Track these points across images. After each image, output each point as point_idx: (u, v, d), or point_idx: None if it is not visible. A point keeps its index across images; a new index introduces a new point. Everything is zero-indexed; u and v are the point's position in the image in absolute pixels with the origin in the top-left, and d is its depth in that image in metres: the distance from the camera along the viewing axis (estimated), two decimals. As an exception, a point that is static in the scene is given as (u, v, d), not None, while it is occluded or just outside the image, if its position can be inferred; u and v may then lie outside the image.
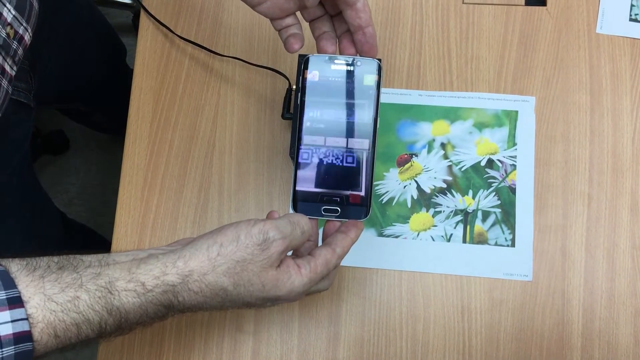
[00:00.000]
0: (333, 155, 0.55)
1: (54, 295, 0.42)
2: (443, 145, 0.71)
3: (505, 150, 0.70)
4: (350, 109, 0.55)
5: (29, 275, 0.42)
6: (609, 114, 0.70)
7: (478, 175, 0.70)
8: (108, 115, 1.19)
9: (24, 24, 0.60)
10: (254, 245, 0.47)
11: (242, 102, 0.73)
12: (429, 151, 0.71)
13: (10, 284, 0.40)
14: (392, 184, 0.70)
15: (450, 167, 0.70)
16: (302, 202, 0.55)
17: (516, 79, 0.72)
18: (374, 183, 0.70)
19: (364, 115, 0.55)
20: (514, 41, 0.73)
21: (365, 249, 0.68)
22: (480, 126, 0.71)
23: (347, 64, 0.55)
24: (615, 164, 0.69)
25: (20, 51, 0.62)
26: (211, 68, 0.74)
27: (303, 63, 0.56)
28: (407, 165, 0.71)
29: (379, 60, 0.56)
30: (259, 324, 0.67)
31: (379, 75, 0.55)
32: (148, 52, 0.75)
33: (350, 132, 0.55)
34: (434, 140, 0.71)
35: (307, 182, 0.55)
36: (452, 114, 0.72)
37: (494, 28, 0.74)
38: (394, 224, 0.69)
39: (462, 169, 0.70)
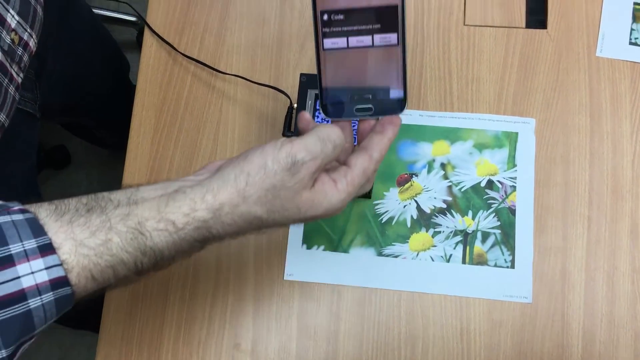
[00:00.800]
0: (360, 47, 0.48)
1: (84, 239, 0.40)
2: (443, 166, 0.71)
3: (505, 171, 0.70)
4: None
5: (57, 220, 0.40)
6: (609, 137, 0.71)
7: (478, 196, 0.70)
8: (110, 130, 1.19)
9: (29, 30, 0.61)
10: (282, 170, 0.44)
11: (244, 120, 0.74)
12: (429, 171, 0.71)
13: (39, 231, 0.39)
14: (392, 204, 0.70)
15: (450, 187, 0.70)
16: (332, 105, 0.50)
17: (516, 101, 0.72)
18: (375, 202, 0.70)
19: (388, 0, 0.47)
20: (515, 63, 0.74)
21: (365, 269, 0.68)
22: (480, 147, 0.71)
23: None
24: (615, 186, 0.69)
25: (25, 57, 0.62)
26: (213, 86, 0.75)
27: None
28: (407, 185, 0.71)
29: None
30: (257, 343, 0.67)
31: None
32: (151, 69, 0.76)
33: (375, 22, 0.48)
34: (434, 160, 0.71)
35: (334, 81, 0.49)
36: (452, 135, 0.72)
37: (494, 50, 0.74)
38: (393, 243, 0.69)
39: (462, 190, 0.70)
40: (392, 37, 0.48)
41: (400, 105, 0.50)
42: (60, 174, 1.49)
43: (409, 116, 0.73)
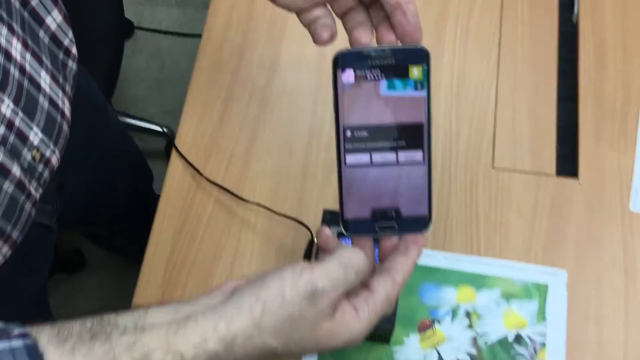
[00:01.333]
0: (383, 166, 0.47)
1: None
2: (468, 314, 0.67)
3: (534, 324, 0.66)
4: (396, 112, 0.46)
5: (58, 348, 0.38)
6: (645, 296, 0.67)
7: (505, 351, 0.65)
8: (127, 240, 1.18)
9: (52, 147, 0.60)
10: (301, 299, 0.41)
11: (262, 250, 0.72)
12: (452, 319, 0.67)
13: None
14: (412, 352, 0.66)
15: (475, 339, 0.66)
16: (353, 222, 0.48)
17: (546, 250, 0.70)
18: (393, 348, 0.66)
19: (414, 117, 0.46)
20: (545, 211, 0.71)
21: (379, 423, 0.63)
22: (508, 297, 0.68)
23: (386, 55, 0.45)
24: (653, 351, 0.64)
25: (46, 174, 0.61)
26: (234, 212, 0.73)
27: (333, 62, 0.45)
28: (428, 332, 0.67)
29: (424, 47, 0.45)
30: None
31: (428, 65, 0.45)
32: (174, 191, 0.75)
33: (399, 139, 0.47)
34: (458, 307, 0.68)
35: (355, 197, 0.48)
36: (478, 281, 0.69)
37: (524, 195, 0.72)
38: (411, 397, 0.64)
39: (488, 344, 0.66)
40: (418, 155, 0.47)
41: (424, 223, 0.48)
42: (73, 279, 1.47)
43: (432, 258, 0.70)
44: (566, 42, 0.79)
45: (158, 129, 1.49)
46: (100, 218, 0.98)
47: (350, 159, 0.47)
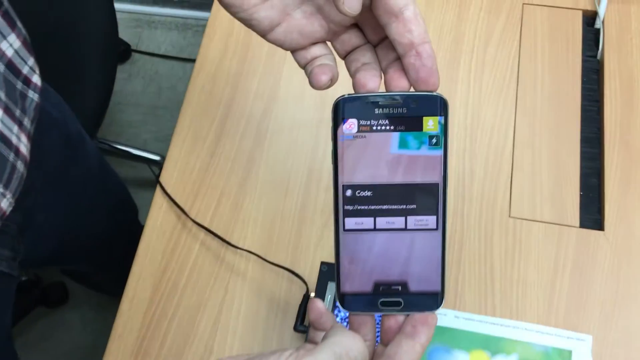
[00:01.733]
0: (388, 232, 0.40)
1: None
2: (481, 383, 0.60)
3: (555, 398, 0.58)
4: (407, 170, 0.40)
5: None
6: (682, 368, 0.59)
7: None
8: (108, 276, 1.10)
9: (1, 189, 0.53)
10: None
11: (252, 303, 0.64)
12: (463, 388, 0.59)
13: None
14: None
15: (489, 414, 0.58)
16: (351, 296, 0.41)
17: (569, 312, 0.62)
18: None
19: (428, 177, 0.40)
20: (567, 267, 0.64)
21: None
22: (526, 364, 0.60)
23: (397, 104, 0.39)
24: None
25: None
26: (222, 258, 0.66)
27: (333, 109, 0.39)
28: (436, 403, 0.59)
29: (441, 95, 0.39)
30: None
31: (445, 117, 0.39)
32: (156, 233, 0.68)
33: (409, 202, 0.40)
34: (470, 374, 0.60)
35: (356, 268, 0.41)
36: (493, 345, 0.61)
37: (544, 249, 0.65)
38: None
39: (504, 420, 0.58)
40: (430, 220, 0.40)
41: (435, 301, 0.41)
42: (55, 313, 1.39)
43: (443, 316, 0.63)
44: (590, 80, 0.73)
45: (148, 156, 1.42)
46: (77, 256, 0.91)
47: (350, 222, 0.40)
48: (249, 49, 0.76)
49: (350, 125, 0.39)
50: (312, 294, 0.60)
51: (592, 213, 0.67)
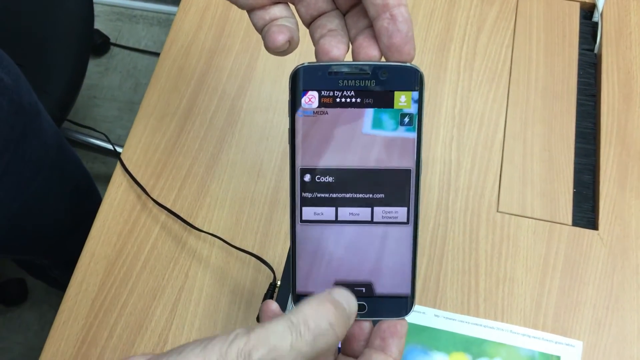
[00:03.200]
0: (352, 224, 0.35)
1: None
2: (461, 389, 0.54)
3: (542, 407, 0.53)
4: (375, 154, 0.34)
5: None
6: (679, 380, 0.54)
7: None
8: (66, 270, 1.03)
9: None
10: None
11: (213, 291, 0.58)
12: (441, 393, 0.54)
13: None
14: None
15: (468, 422, 0.53)
16: (306, 297, 0.34)
17: (559, 315, 0.57)
18: None
19: (399, 162, 0.35)
20: (558, 266, 0.59)
21: None
22: (510, 369, 0.55)
23: (365, 75, 0.34)
24: None
25: None
26: (184, 243, 0.60)
27: (291, 80, 0.34)
28: (411, 409, 0.53)
29: (416, 67, 0.34)
30: None
31: (420, 92, 0.34)
32: (113, 212, 0.62)
33: (377, 191, 0.35)
34: (449, 378, 0.55)
35: (313, 265, 0.35)
36: (475, 348, 0.56)
37: (533, 247, 0.60)
38: None
39: None
40: (400, 213, 0.35)
41: (404, 306, 0.36)
42: (11, 312, 1.31)
43: (421, 314, 0.57)
44: (586, 74, 0.69)
45: (112, 148, 1.35)
46: (29, 245, 0.84)
47: (308, 213, 0.35)
48: (226, 24, 0.71)
49: (310, 99, 0.34)
50: (279, 283, 0.55)
51: (586, 211, 0.62)
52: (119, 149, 0.64)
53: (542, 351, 0.56)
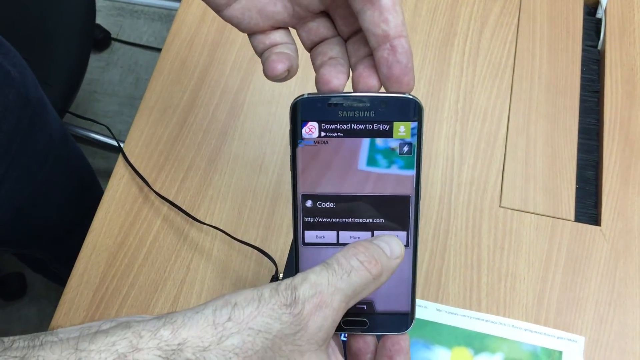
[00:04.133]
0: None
1: None
2: (462, 383, 0.54)
3: (543, 402, 0.53)
4: (374, 181, 0.35)
5: None
6: (681, 376, 0.54)
7: None
8: (68, 265, 1.03)
9: None
10: (280, 305, 0.30)
11: (215, 284, 0.58)
12: (443, 387, 0.54)
13: None
14: None
15: (470, 416, 0.53)
16: None
17: (561, 310, 0.57)
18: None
19: (398, 189, 0.35)
20: (560, 262, 0.59)
21: None
22: (512, 364, 0.55)
23: (364, 106, 0.34)
24: None
25: None
26: (186, 235, 0.60)
27: (291, 110, 0.35)
28: (412, 402, 0.53)
29: (415, 98, 0.34)
30: None
31: (419, 122, 0.34)
32: (115, 204, 0.62)
33: (377, 215, 0.36)
34: (451, 373, 0.54)
35: None
36: (477, 342, 0.56)
37: (535, 242, 0.60)
38: None
39: (487, 423, 0.52)
40: (400, 237, 0.36)
41: (405, 322, 0.37)
42: (10, 306, 1.31)
43: (424, 309, 0.57)
44: (590, 70, 0.69)
45: (113, 142, 1.35)
46: (36, 237, 0.84)
47: (310, 236, 0.36)
48: (229, 17, 0.71)
49: (311, 129, 0.35)
50: (281, 275, 0.55)
51: (588, 207, 0.62)
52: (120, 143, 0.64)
53: (544, 346, 0.56)
